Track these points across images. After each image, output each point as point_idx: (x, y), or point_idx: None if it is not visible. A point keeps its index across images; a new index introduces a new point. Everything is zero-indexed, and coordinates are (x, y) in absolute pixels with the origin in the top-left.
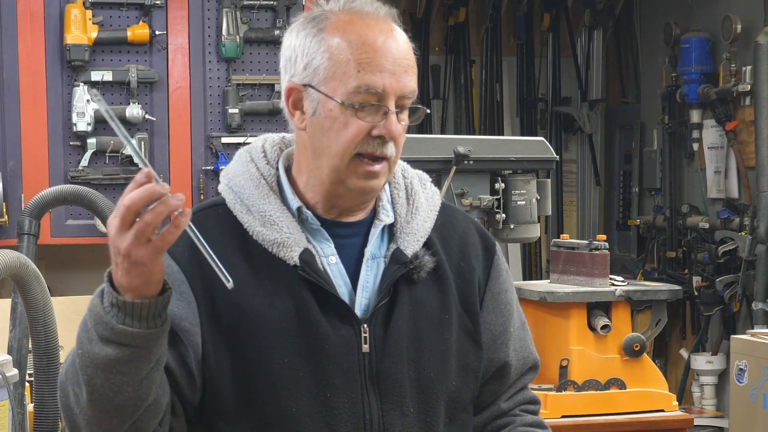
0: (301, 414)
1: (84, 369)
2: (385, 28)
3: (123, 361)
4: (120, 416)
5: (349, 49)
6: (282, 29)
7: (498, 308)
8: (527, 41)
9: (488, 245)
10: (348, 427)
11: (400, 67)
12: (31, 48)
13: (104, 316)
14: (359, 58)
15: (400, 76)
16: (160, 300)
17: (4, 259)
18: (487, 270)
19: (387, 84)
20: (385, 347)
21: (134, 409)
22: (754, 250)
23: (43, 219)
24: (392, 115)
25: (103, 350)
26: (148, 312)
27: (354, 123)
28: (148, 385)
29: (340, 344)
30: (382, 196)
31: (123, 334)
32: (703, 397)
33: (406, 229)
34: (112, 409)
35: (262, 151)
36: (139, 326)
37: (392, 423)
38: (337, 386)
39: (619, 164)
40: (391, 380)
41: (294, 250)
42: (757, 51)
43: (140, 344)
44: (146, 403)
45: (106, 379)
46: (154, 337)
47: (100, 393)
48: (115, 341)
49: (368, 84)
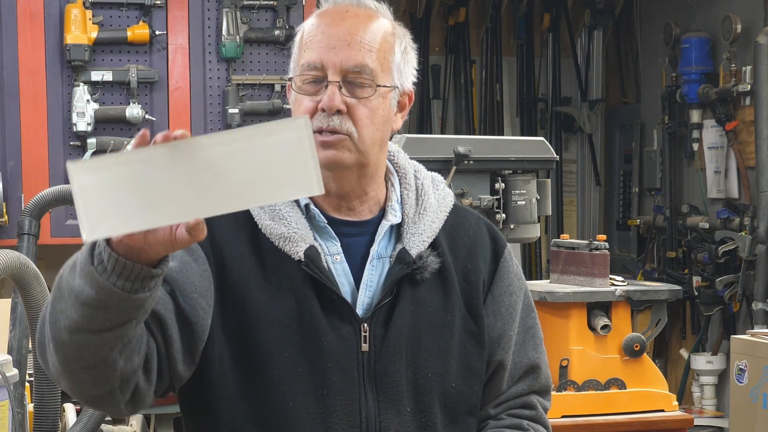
0: (298, 409)
1: (55, 292)
2: (347, 15)
3: (85, 301)
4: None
5: (306, 32)
6: (282, 29)
7: (498, 311)
8: (527, 41)
9: (497, 248)
10: (344, 425)
11: (343, 41)
12: (31, 48)
13: (87, 257)
14: (306, 40)
15: (341, 50)
16: (144, 270)
17: (4, 259)
18: (492, 272)
19: (324, 58)
20: (384, 346)
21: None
22: (754, 250)
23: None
24: (331, 87)
25: (76, 281)
26: (130, 273)
27: (304, 101)
28: (105, 340)
29: (340, 342)
30: (392, 196)
31: (91, 276)
32: (703, 397)
33: (413, 229)
34: (61, 339)
35: None
36: (112, 281)
37: (388, 422)
38: (334, 384)
39: (619, 164)
40: (389, 379)
41: (300, 245)
42: (757, 51)
43: (102, 297)
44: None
45: (67, 307)
46: (114, 295)
47: (56, 318)
48: (85, 279)
49: (307, 60)
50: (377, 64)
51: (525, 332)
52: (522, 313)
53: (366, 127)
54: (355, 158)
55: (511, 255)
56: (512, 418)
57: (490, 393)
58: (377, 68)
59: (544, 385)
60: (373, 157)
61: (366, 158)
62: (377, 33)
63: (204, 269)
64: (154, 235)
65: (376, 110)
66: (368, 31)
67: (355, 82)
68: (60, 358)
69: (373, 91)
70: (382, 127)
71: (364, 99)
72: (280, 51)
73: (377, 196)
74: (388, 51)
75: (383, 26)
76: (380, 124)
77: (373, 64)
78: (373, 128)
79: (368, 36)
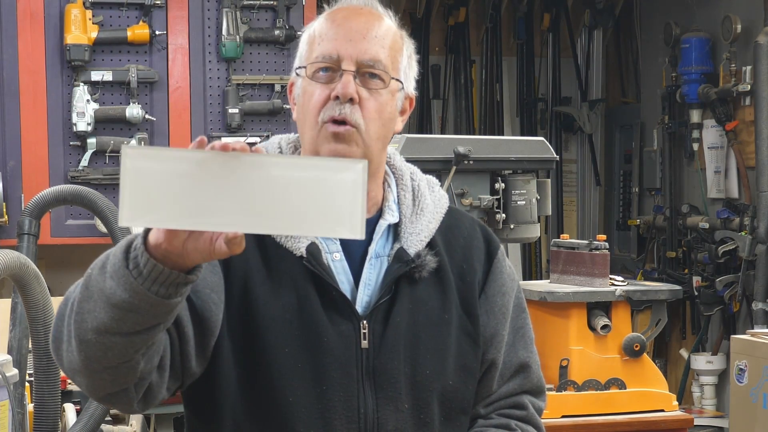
0: (297, 404)
1: (83, 291)
2: (362, 11)
3: (117, 304)
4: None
5: (317, 29)
6: (282, 29)
7: (491, 310)
8: (527, 41)
9: (491, 249)
10: (342, 420)
11: (358, 33)
12: (31, 48)
13: (121, 260)
14: (321, 33)
15: (357, 42)
16: (181, 276)
17: (4, 259)
18: (486, 272)
19: (341, 49)
20: (383, 344)
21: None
22: (754, 250)
23: (43, 219)
24: (346, 75)
25: (107, 283)
26: (166, 279)
27: (317, 90)
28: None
29: (340, 339)
30: (389, 196)
31: (126, 279)
32: (703, 397)
33: (410, 228)
34: (85, 339)
35: (278, 146)
36: (147, 286)
37: (386, 418)
38: (333, 380)
39: (619, 164)
40: (387, 376)
41: (302, 241)
42: (757, 51)
43: (136, 301)
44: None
45: (96, 309)
46: (146, 300)
47: (82, 317)
48: (119, 282)
49: (323, 52)
50: (389, 60)
51: (515, 332)
52: (513, 314)
53: (374, 120)
54: (361, 153)
55: (504, 256)
56: (501, 418)
57: (481, 392)
58: (389, 64)
59: (536, 385)
60: (375, 154)
61: (370, 153)
62: (389, 32)
63: (213, 264)
64: (194, 243)
65: (385, 105)
66: (382, 28)
67: (369, 75)
68: (83, 357)
69: (385, 84)
70: (387, 125)
71: (375, 92)
72: (280, 51)
73: (376, 197)
74: (398, 51)
75: (393, 28)
76: (386, 120)
77: (386, 59)
78: (380, 123)
79: (382, 32)
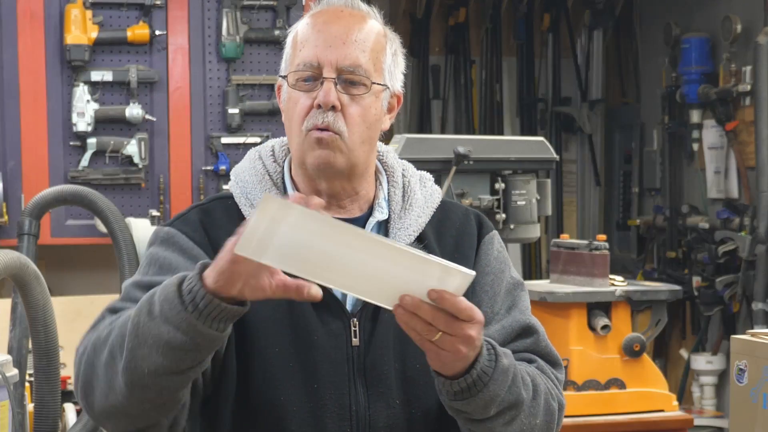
0: (289, 403)
1: (132, 339)
2: (342, 14)
3: (172, 345)
4: (141, 395)
5: (300, 33)
6: (282, 29)
7: (474, 290)
8: (527, 41)
9: (481, 232)
10: (334, 418)
11: (338, 40)
12: (31, 48)
13: (176, 302)
14: (302, 38)
15: (337, 48)
16: (237, 309)
17: (4, 259)
18: (474, 255)
19: (321, 56)
20: (373, 340)
21: (159, 394)
22: (754, 250)
23: (43, 219)
24: (326, 83)
25: (163, 328)
26: (224, 314)
27: (300, 98)
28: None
29: (330, 337)
30: (379, 194)
31: (187, 322)
32: (703, 397)
33: (398, 224)
34: (140, 385)
35: (270, 150)
36: (208, 324)
37: (378, 414)
38: (324, 378)
39: (619, 164)
40: (377, 372)
41: None
42: (757, 51)
43: (198, 339)
44: (171, 395)
45: (150, 354)
46: (208, 337)
47: (135, 364)
48: (177, 326)
49: (304, 59)
50: (371, 63)
51: (509, 309)
52: (504, 291)
53: (357, 125)
54: (345, 159)
55: (494, 240)
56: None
57: None
58: (371, 68)
59: (545, 351)
60: (362, 157)
61: (355, 157)
62: (371, 33)
63: None
64: (256, 281)
65: (369, 109)
66: (363, 31)
67: (350, 80)
68: (134, 400)
69: (367, 89)
70: (373, 126)
71: (357, 97)
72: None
73: (367, 195)
74: (381, 52)
75: (376, 28)
76: (371, 122)
77: (367, 63)
78: (364, 127)
79: (362, 35)
